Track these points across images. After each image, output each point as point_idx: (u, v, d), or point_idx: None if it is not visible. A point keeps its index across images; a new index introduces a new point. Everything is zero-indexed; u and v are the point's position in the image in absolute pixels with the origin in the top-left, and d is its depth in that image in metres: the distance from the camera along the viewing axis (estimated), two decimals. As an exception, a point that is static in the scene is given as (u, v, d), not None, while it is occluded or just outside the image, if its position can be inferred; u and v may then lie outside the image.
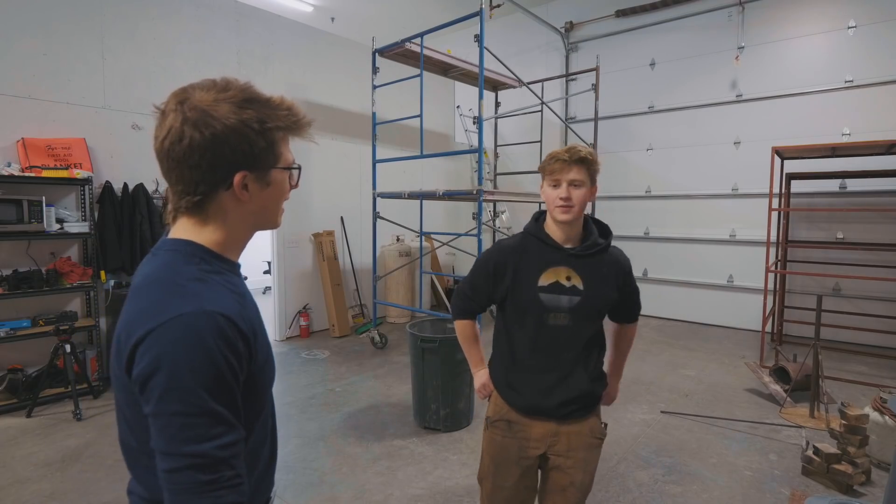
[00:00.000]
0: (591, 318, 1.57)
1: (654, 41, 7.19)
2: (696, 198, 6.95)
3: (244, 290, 0.91)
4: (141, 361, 0.74)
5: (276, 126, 0.85)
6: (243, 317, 0.81)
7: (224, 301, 0.80)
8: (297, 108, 0.89)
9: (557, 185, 1.52)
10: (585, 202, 1.53)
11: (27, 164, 3.96)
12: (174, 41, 5.03)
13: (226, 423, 0.74)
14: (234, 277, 0.89)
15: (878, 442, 3.02)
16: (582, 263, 1.56)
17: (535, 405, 1.59)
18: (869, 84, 5.71)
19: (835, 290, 5.98)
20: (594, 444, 1.64)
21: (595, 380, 1.62)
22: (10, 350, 4.07)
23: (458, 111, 8.26)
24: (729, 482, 2.89)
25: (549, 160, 1.54)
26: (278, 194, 0.91)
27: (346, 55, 6.69)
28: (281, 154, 0.89)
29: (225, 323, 0.76)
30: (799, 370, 3.96)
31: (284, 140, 0.89)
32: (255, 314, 0.89)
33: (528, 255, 1.59)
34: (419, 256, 6.10)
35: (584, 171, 1.51)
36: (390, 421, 3.72)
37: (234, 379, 0.76)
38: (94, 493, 2.76)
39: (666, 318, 7.22)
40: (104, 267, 4.37)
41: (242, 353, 0.79)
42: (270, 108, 0.85)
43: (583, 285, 1.55)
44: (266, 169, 0.87)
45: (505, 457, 1.63)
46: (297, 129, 0.89)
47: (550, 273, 1.55)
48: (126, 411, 0.83)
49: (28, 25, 4.13)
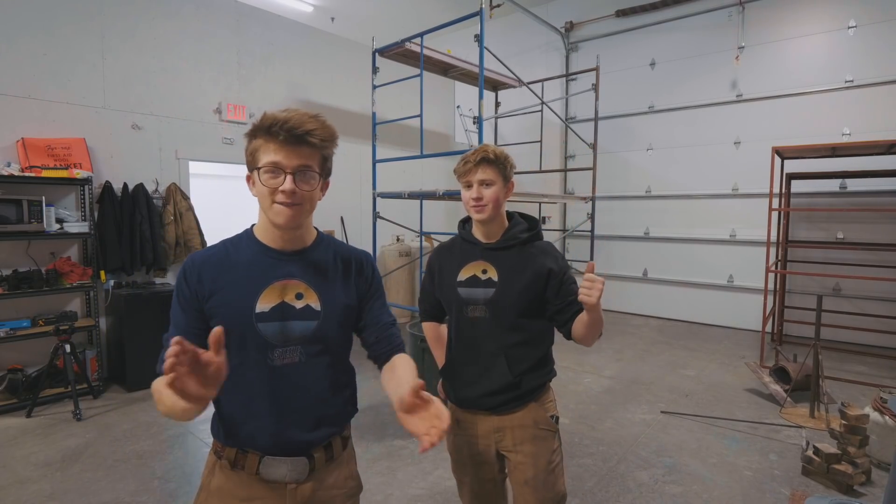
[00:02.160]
0: (509, 309, 1.56)
1: (654, 41, 7.19)
2: (696, 198, 6.95)
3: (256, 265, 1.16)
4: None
5: (250, 134, 1.11)
6: (195, 262, 1.16)
7: (200, 253, 1.19)
8: (269, 116, 1.08)
9: (469, 186, 1.56)
10: (499, 200, 1.57)
11: (27, 164, 3.96)
12: (174, 41, 5.03)
13: (173, 324, 1.14)
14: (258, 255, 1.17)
15: (878, 442, 3.02)
16: (498, 256, 1.60)
17: (463, 397, 1.64)
18: (869, 84, 5.70)
19: (835, 290, 5.98)
20: (541, 435, 1.59)
21: (524, 374, 1.58)
22: (10, 350, 4.07)
23: (458, 111, 8.25)
24: (729, 482, 2.89)
25: (460, 163, 1.59)
26: (260, 192, 1.12)
27: (346, 55, 6.69)
28: (257, 159, 1.10)
29: (188, 262, 1.16)
30: (799, 370, 3.96)
31: (263, 147, 1.09)
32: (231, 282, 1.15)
33: (452, 253, 1.69)
34: (419, 256, 6.10)
35: (494, 170, 1.54)
36: (390, 421, 3.72)
37: (181, 297, 1.15)
38: (94, 493, 2.76)
39: (666, 318, 7.22)
40: (104, 267, 4.37)
41: (190, 282, 1.14)
42: (257, 122, 1.09)
43: (498, 277, 1.58)
44: (251, 171, 1.12)
45: (460, 455, 1.68)
46: (260, 133, 1.09)
47: (469, 268, 1.62)
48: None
49: (28, 25, 4.13)
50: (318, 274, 1.20)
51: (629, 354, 5.47)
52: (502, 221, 1.63)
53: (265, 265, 1.15)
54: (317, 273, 1.20)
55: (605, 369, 4.92)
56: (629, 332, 6.43)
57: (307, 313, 1.16)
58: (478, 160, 1.54)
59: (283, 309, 1.14)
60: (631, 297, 7.44)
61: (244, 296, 1.12)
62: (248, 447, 1.15)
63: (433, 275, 1.74)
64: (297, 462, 1.16)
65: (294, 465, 1.16)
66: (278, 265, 1.16)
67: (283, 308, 1.14)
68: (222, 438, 1.18)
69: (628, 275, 7.51)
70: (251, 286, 1.13)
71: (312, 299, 1.17)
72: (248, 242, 1.19)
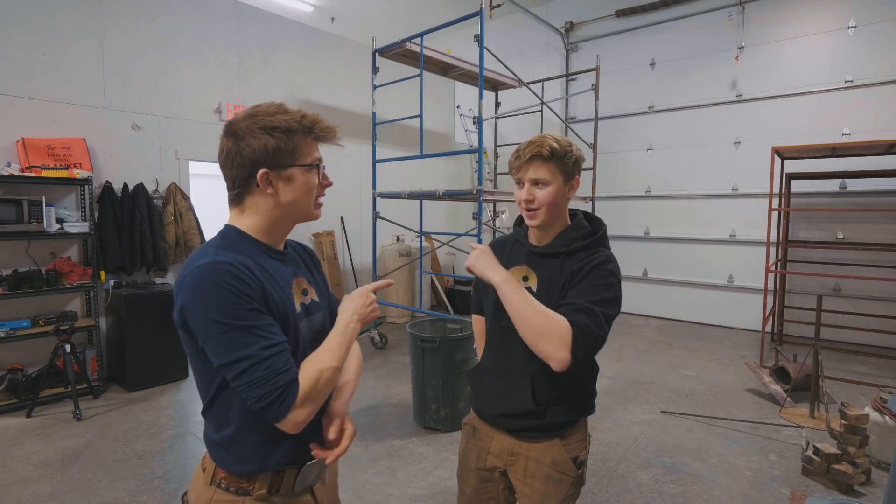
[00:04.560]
0: None
1: (654, 41, 7.19)
2: (696, 198, 6.95)
3: (271, 267, 1.08)
4: (175, 309, 1.00)
5: (287, 128, 1.03)
6: (249, 268, 1.00)
7: (234, 258, 1.00)
8: (309, 115, 1.06)
9: (521, 185, 1.35)
10: (556, 203, 1.32)
11: (27, 164, 3.96)
12: (174, 41, 5.03)
13: (257, 334, 0.95)
14: (263, 255, 1.08)
15: (878, 442, 3.02)
16: (542, 263, 1.38)
17: (481, 409, 1.50)
18: (869, 84, 5.70)
19: (835, 290, 5.98)
20: (556, 478, 1.38)
21: (550, 404, 1.36)
22: (10, 350, 4.07)
23: (458, 111, 8.25)
24: (729, 482, 2.89)
25: (512, 155, 1.35)
26: (303, 189, 1.07)
27: (346, 55, 6.69)
28: (298, 153, 1.05)
29: (229, 266, 0.96)
30: (799, 370, 3.96)
31: (303, 142, 1.06)
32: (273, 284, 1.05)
33: (503, 251, 1.49)
34: (419, 256, 6.10)
35: (550, 167, 1.29)
36: (390, 421, 3.72)
37: (251, 301, 0.97)
38: (94, 493, 2.76)
39: (666, 318, 7.22)
40: (104, 267, 4.37)
41: (255, 287, 0.98)
42: (281, 115, 1.03)
43: (537, 288, 1.36)
44: (284, 167, 1.04)
45: (466, 462, 1.54)
46: (310, 132, 1.05)
47: (513, 272, 1.40)
48: (191, 361, 1.07)
49: (28, 25, 4.13)
50: (305, 268, 1.22)
51: (629, 354, 5.47)
52: (563, 223, 1.40)
53: (274, 265, 1.11)
54: (304, 267, 1.22)
55: (605, 369, 4.92)
56: (629, 332, 6.43)
57: (316, 306, 1.18)
58: (529, 156, 1.30)
59: (305, 305, 1.15)
60: (631, 297, 7.41)
61: (284, 297, 1.07)
62: (287, 464, 1.09)
63: None
64: (320, 463, 1.14)
65: (321, 466, 1.16)
66: (285, 264, 1.15)
67: (304, 304, 1.15)
68: (252, 469, 1.07)
69: (628, 275, 7.49)
70: (284, 287, 1.09)
71: (313, 292, 1.19)
72: (249, 244, 1.08)
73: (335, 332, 1.10)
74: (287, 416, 0.96)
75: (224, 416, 1.05)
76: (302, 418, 0.98)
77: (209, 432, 1.10)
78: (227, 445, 1.06)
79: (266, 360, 0.94)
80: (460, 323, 3.94)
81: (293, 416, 0.96)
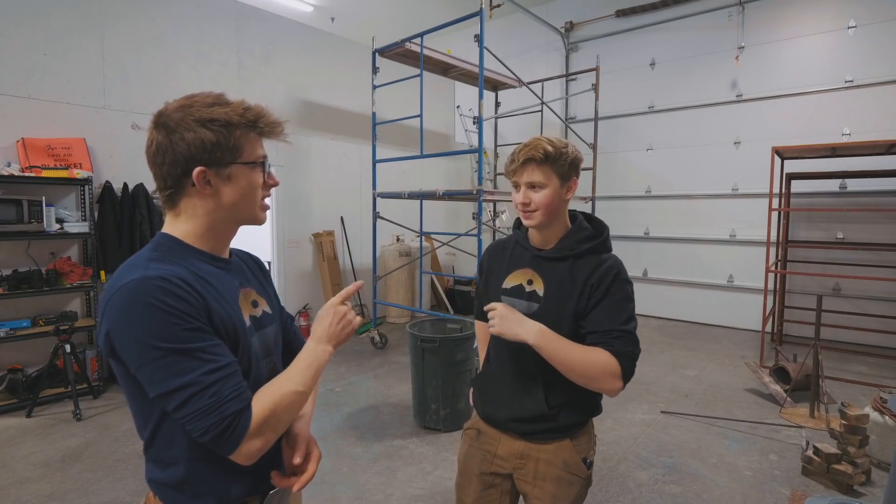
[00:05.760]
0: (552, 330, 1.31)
1: (654, 41, 7.19)
2: (696, 198, 6.95)
3: (213, 277, 0.96)
4: (100, 335, 0.88)
5: (228, 122, 0.91)
6: (187, 281, 0.88)
7: (168, 270, 0.88)
8: (254, 108, 0.95)
9: (517, 188, 1.34)
10: (553, 205, 1.31)
11: (27, 164, 3.96)
12: (174, 41, 5.03)
13: (199, 357, 0.84)
14: (203, 265, 0.96)
15: (878, 442, 3.02)
16: (547, 267, 1.38)
17: (489, 414, 1.47)
18: (869, 84, 5.70)
19: (835, 290, 5.98)
20: (567, 479, 1.38)
21: (562, 406, 1.37)
22: (10, 350, 4.07)
23: (458, 111, 8.26)
24: (729, 482, 2.89)
25: (509, 158, 1.35)
26: (246, 189, 0.96)
27: (346, 55, 6.69)
28: (240, 150, 0.94)
29: (161, 282, 0.84)
30: (799, 370, 3.96)
31: (246, 138, 0.94)
32: (216, 297, 0.94)
33: (504, 254, 1.50)
34: (419, 256, 6.10)
35: (545, 170, 1.29)
36: (390, 421, 3.72)
37: (190, 320, 0.85)
38: (94, 493, 2.76)
39: (666, 318, 7.22)
40: (104, 267, 4.37)
41: (195, 303, 0.87)
42: (220, 107, 0.92)
43: (543, 292, 1.36)
44: (223, 164, 0.93)
45: (469, 467, 1.50)
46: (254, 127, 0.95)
47: (517, 275, 1.42)
48: (125, 391, 0.94)
49: (28, 25, 4.13)
50: (253, 278, 1.12)
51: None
52: (563, 224, 1.39)
53: (218, 275, 0.99)
54: (252, 277, 1.11)
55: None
56: (629, 332, 6.43)
57: (268, 318, 1.08)
58: (523, 160, 1.30)
59: (255, 318, 1.04)
60: (631, 297, 7.42)
61: (231, 311, 0.97)
62: (248, 496, 1.00)
63: (483, 274, 1.57)
64: (285, 491, 1.06)
65: (286, 493, 1.06)
66: (230, 274, 1.03)
67: (255, 317, 1.04)
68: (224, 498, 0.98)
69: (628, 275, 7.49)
70: (230, 299, 0.98)
71: (264, 304, 1.09)
72: (186, 253, 0.96)
73: (302, 355, 0.98)
74: (239, 447, 0.85)
75: (169, 452, 0.93)
76: (256, 448, 0.88)
77: (154, 473, 0.96)
78: (178, 485, 0.94)
79: (211, 387, 0.83)
80: (460, 323, 3.94)
81: (246, 448, 0.86)
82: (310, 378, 0.95)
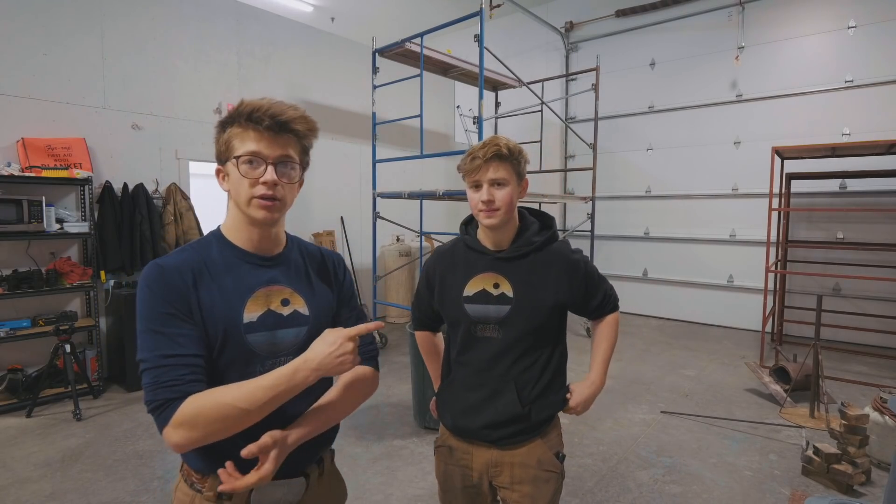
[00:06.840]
0: (526, 329, 1.37)
1: (654, 41, 7.19)
2: (696, 198, 6.95)
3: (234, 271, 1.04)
4: None
5: (225, 123, 1.03)
6: (183, 271, 0.99)
7: (175, 259, 1.01)
8: (252, 103, 1.01)
9: (477, 187, 1.34)
10: (513, 202, 1.35)
11: (27, 164, 3.96)
12: (174, 41, 5.03)
13: (161, 340, 0.94)
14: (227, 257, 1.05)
15: (878, 442, 3.02)
16: (512, 267, 1.39)
17: (461, 426, 1.43)
18: (869, 84, 5.70)
19: (835, 290, 5.98)
20: (543, 477, 1.40)
21: (534, 402, 1.39)
22: (10, 350, 4.07)
23: (458, 111, 8.25)
24: (729, 482, 2.89)
25: (466, 158, 1.35)
26: (236, 184, 1.03)
27: (346, 55, 6.69)
28: (231, 146, 1.02)
29: (158, 269, 0.98)
30: (799, 370, 3.96)
31: (241, 136, 1.01)
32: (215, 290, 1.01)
33: (455, 262, 1.46)
34: (419, 256, 6.10)
35: (507, 167, 1.32)
36: (390, 421, 3.72)
37: (167, 306, 0.96)
38: (94, 493, 2.76)
39: (666, 318, 7.22)
40: (104, 267, 4.37)
41: (179, 291, 0.97)
42: (234, 109, 1.02)
43: (513, 292, 1.37)
44: (224, 162, 1.04)
45: (451, 485, 1.49)
46: (238, 120, 1.01)
47: (477, 280, 1.40)
48: None
49: (28, 25, 4.13)
50: (299, 277, 1.11)
51: (629, 354, 5.47)
52: (514, 222, 1.42)
53: (243, 271, 1.03)
54: (298, 276, 1.11)
55: (605, 369, 4.92)
56: (629, 332, 6.43)
57: (296, 319, 1.07)
58: (489, 156, 1.30)
59: (271, 317, 1.04)
60: (631, 297, 7.43)
61: (229, 306, 1.00)
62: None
63: (431, 284, 1.52)
64: (294, 484, 1.07)
65: (291, 487, 1.07)
66: (259, 270, 1.06)
67: (270, 316, 1.04)
68: (202, 467, 1.02)
69: (628, 275, 7.51)
70: (235, 294, 1.01)
71: (299, 304, 1.08)
72: (221, 246, 1.05)
73: (274, 373, 0.93)
74: (164, 432, 0.91)
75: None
76: (175, 440, 0.90)
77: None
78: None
79: (156, 369, 0.92)
80: (460, 323, 3.93)
81: (167, 434, 0.90)
82: (262, 399, 0.90)
